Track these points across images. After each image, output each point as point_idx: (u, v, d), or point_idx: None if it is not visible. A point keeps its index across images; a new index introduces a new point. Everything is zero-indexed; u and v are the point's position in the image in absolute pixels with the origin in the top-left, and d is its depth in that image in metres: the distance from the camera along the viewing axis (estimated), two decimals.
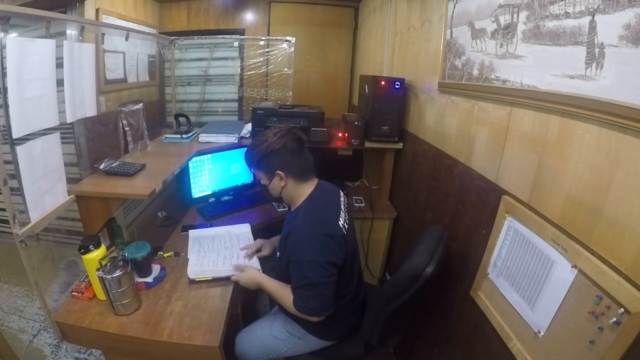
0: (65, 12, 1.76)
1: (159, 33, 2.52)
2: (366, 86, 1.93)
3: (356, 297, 1.28)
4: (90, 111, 1.35)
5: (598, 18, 0.66)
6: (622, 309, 0.61)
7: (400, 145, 1.87)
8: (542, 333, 0.80)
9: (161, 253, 1.45)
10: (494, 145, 1.05)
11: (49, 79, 1.09)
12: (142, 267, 1.27)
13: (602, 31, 0.66)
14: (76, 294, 1.18)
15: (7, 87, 0.92)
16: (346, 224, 1.17)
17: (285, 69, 2.63)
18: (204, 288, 1.27)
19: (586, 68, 0.69)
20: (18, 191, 1.03)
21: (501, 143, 1.01)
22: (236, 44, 2.70)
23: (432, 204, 1.52)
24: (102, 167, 1.36)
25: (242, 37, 2.70)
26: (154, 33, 2.42)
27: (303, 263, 1.06)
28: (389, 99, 1.75)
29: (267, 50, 2.67)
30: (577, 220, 0.74)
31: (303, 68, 2.90)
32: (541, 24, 0.82)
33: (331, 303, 1.10)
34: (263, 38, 2.69)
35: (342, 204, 1.25)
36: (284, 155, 1.14)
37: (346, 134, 1.89)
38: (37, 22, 1.06)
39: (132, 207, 1.76)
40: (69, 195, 1.23)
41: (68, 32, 1.22)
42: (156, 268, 1.33)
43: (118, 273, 1.07)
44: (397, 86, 1.72)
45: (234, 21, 2.80)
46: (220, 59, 2.78)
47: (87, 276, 1.18)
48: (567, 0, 0.74)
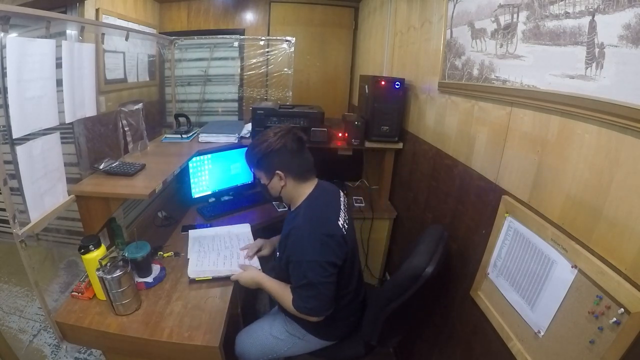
0: (65, 12, 1.76)
1: (159, 33, 2.52)
2: (366, 86, 1.93)
3: (356, 297, 1.28)
4: (90, 111, 1.35)
5: (598, 18, 0.66)
6: (622, 309, 0.61)
7: (400, 145, 1.87)
8: (542, 333, 0.80)
9: (161, 253, 1.45)
10: (494, 145, 1.05)
11: (49, 79, 1.09)
12: (142, 267, 1.27)
13: (602, 31, 0.66)
14: (76, 294, 1.18)
15: (7, 87, 0.92)
16: (346, 224, 1.17)
17: (285, 69, 2.63)
18: (204, 288, 1.27)
19: (586, 68, 0.69)
20: (18, 191, 1.03)
21: (501, 143, 1.01)
22: (236, 44, 2.70)
23: (432, 204, 1.52)
24: (102, 167, 1.36)
25: (242, 37, 2.70)
26: (154, 33, 2.42)
27: (303, 263, 1.06)
28: (389, 99, 1.75)
29: (267, 50, 2.67)
30: (577, 220, 0.74)
31: (303, 68, 2.90)
32: (541, 24, 0.82)
33: (331, 303, 1.10)
34: (263, 38, 2.69)
35: (342, 204, 1.25)
36: (284, 155, 1.14)
37: (346, 134, 1.89)
38: (37, 22, 1.06)
39: (132, 207, 1.76)
40: (69, 195, 1.24)
41: (68, 32, 1.22)
42: (156, 268, 1.33)
43: (118, 273, 1.07)
44: (397, 86, 1.72)
45: (234, 21, 2.80)
46: (220, 59, 2.78)
47: (87, 276, 1.18)
48: (567, 0, 0.74)
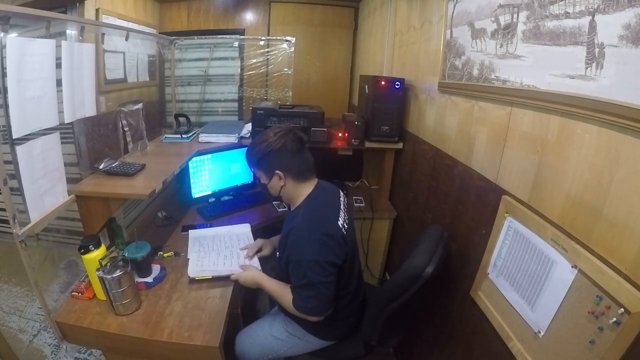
0: (65, 12, 1.76)
1: (159, 33, 2.52)
2: (366, 86, 1.93)
3: (356, 297, 1.28)
4: (90, 111, 1.35)
5: (598, 18, 0.66)
6: (622, 309, 0.61)
7: (400, 145, 1.87)
8: (542, 333, 0.80)
9: (161, 253, 1.45)
10: (494, 145, 1.05)
11: (49, 79, 1.09)
12: (142, 267, 1.27)
13: (602, 31, 0.66)
14: (76, 294, 1.18)
15: (7, 87, 0.92)
16: (346, 224, 1.17)
17: (285, 69, 2.63)
18: (204, 288, 1.27)
19: (586, 68, 0.69)
20: (18, 191, 1.03)
21: (501, 143, 1.01)
22: (236, 44, 2.69)
23: (432, 204, 1.52)
24: (102, 167, 1.36)
25: (242, 37, 2.70)
26: (154, 33, 2.41)
27: (302, 263, 1.06)
28: (389, 99, 1.75)
29: (267, 50, 2.67)
30: (577, 220, 0.74)
31: (303, 68, 2.90)
32: (541, 24, 0.82)
33: (331, 303, 1.10)
34: (263, 38, 2.69)
35: (342, 204, 1.25)
36: (284, 155, 1.14)
37: (346, 134, 1.89)
38: (37, 22, 1.06)
39: (132, 207, 1.76)
40: (69, 195, 1.24)
41: (68, 32, 1.22)
42: (156, 268, 1.33)
43: (118, 273, 1.07)
44: (397, 86, 1.72)
45: (234, 21, 2.80)
46: (220, 59, 2.78)
47: (87, 276, 1.18)
48: (567, 0, 0.74)
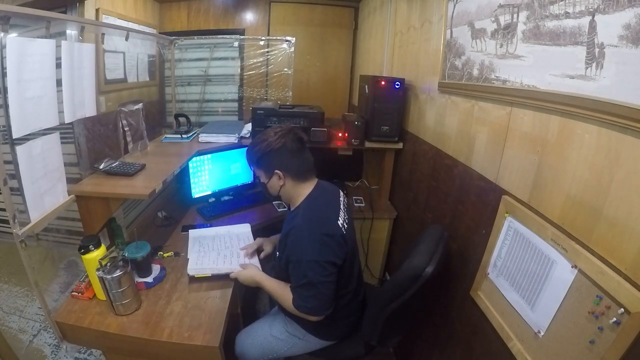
0: (65, 12, 1.76)
1: (159, 33, 2.52)
2: (366, 86, 1.93)
3: (356, 297, 1.28)
4: (90, 111, 1.35)
5: (598, 18, 0.66)
6: (622, 309, 0.61)
7: (400, 145, 1.87)
8: (542, 333, 0.80)
9: (161, 253, 1.45)
10: (494, 145, 1.05)
11: (49, 79, 1.09)
12: (142, 267, 1.27)
13: (602, 31, 0.66)
14: (76, 294, 1.18)
15: (7, 87, 0.92)
16: (346, 224, 1.17)
17: (285, 69, 2.63)
18: (204, 288, 1.27)
19: (586, 68, 0.69)
20: (18, 191, 1.03)
21: (501, 143, 1.01)
22: (236, 44, 2.69)
23: (432, 204, 1.52)
24: (102, 167, 1.36)
25: (242, 37, 2.70)
26: (154, 33, 2.41)
27: (302, 262, 1.06)
28: (389, 99, 1.75)
29: (267, 50, 2.67)
30: (577, 220, 0.74)
31: (303, 68, 2.89)
32: (541, 24, 0.82)
33: (330, 302, 1.10)
34: (263, 38, 2.69)
35: (342, 204, 1.25)
36: (284, 155, 1.14)
37: (346, 134, 1.89)
38: (37, 22, 1.06)
39: (132, 207, 1.76)
40: (69, 195, 1.24)
41: (68, 32, 1.22)
42: (156, 268, 1.33)
43: (118, 273, 1.07)
44: (397, 86, 1.72)
45: (234, 21, 2.80)
46: (220, 59, 2.78)
47: (87, 276, 1.18)
48: (567, 0, 0.74)
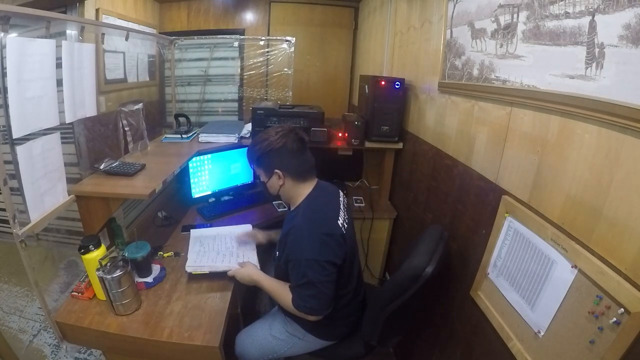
0: (65, 12, 1.76)
1: (159, 33, 2.52)
2: (366, 86, 1.93)
3: (356, 297, 1.28)
4: (90, 111, 1.35)
5: (598, 18, 0.66)
6: (622, 309, 0.61)
7: (400, 145, 1.87)
8: (542, 333, 0.80)
9: (161, 253, 1.45)
10: (494, 145, 1.05)
11: (49, 79, 1.09)
12: (142, 267, 1.27)
13: (602, 31, 0.66)
14: (76, 294, 1.18)
15: (7, 87, 0.92)
16: (345, 224, 1.17)
17: (285, 69, 2.63)
18: (204, 288, 1.27)
19: (586, 68, 0.69)
20: (18, 191, 1.03)
21: (501, 143, 1.01)
22: (236, 44, 2.69)
23: (432, 204, 1.52)
24: (102, 167, 1.36)
25: (242, 37, 2.70)
26: (154, 33, 2.41)
27: (302, 262, 1.06)
28: (389, 99, 1.75)
29: (267, 50, 2.67)
30: (577, 220, 0.74)
31: (303, 68, 2.89)
32: (541, 24, 0.82)
33: (330, 302, 1.10)
34: (263, 38, 2.69)
35: (342, 204, 1.25)
36: (284, 154, 1.14)
37: (346, 134, 1.89)
38: (37, 22, 1.06)
39: (132, 207, 1.76)
40: (69, 195, 1.24)
41: (68, 32, 1.22)
42: (156, 268, 1.33)
43: (118, 273, 1.07)
44: (397, 86, 1.72)
45: (234, 21, 2.80)
46: (220, 59, 2.77)
47: (87, 276, 1.18)
48: (567, 0, 0.74)
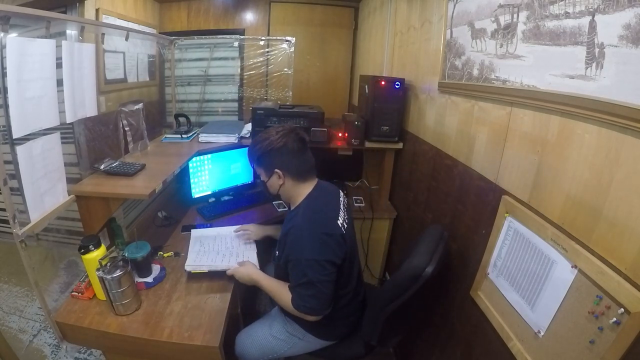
0: (65, 12, 1.76)
1: (159, 33, 2.52)
2: (366, 86, 1.93)
3: (355, 297, 1.28)
4: (90, 111, 1.35)
5: (598, 18, 0.66)
6: (622, 309, 0.61)
7: (400, 145, 1.87)
8: (542, 333, 0.80)
9: (161, 253, 1.45)
10: (494, 145, 1.05)
11: (49, 79, 1.09)
12: (142, 267, 1.27)
13: (602, 31, 0.66)
14: (76, 294, 1.18)
15: (7, 87, 0.92)
16: (345, 224, 1.17)
17: (285, 69, 2.63)
18: (204, 288, 1.27)
19: (586, 68, 0.69)
20: (18, 191, 1.03)
21: (501, 143, 1.01)
22: (236, 44, 2.69)
23: (432, 204, 1.52)
24: (102, 167, 1.36)
25: (242, 37, 2.70)
26: (154, 33, 2.41)
27: (302, 261, 1.06)
28: (389, 99, 1.75)
29: (267, 50, 2.67)
30: (577, 220, 0.74)
31: (303, 68, 2.89)
32: (541, 24, 0.82)
33: (329, 302, 1.10)
34: (263, 38, 2.69)
35: (342, 204, 1.25)
36: (284, 154, 1.14)
37: (346, 134, 1.89)
38: (37, 22, 1.06)
39: (132, 207, 1.76)
40: (69, 195, 1.23)
41: (68, 32, 1.22)
42: (156, 268, 1.33)
43: (118, 273, 1.07)
44: (397, 86, 1.72)
45: (234, 21, 2.80)
46: (220, 59, 2.77)
47: (87, 276, 1.18)
48: (567, 0, 0.74)
